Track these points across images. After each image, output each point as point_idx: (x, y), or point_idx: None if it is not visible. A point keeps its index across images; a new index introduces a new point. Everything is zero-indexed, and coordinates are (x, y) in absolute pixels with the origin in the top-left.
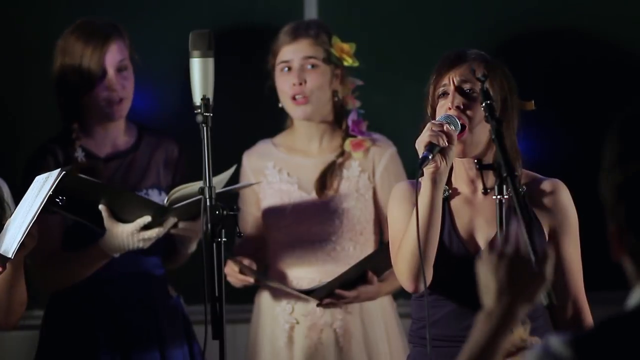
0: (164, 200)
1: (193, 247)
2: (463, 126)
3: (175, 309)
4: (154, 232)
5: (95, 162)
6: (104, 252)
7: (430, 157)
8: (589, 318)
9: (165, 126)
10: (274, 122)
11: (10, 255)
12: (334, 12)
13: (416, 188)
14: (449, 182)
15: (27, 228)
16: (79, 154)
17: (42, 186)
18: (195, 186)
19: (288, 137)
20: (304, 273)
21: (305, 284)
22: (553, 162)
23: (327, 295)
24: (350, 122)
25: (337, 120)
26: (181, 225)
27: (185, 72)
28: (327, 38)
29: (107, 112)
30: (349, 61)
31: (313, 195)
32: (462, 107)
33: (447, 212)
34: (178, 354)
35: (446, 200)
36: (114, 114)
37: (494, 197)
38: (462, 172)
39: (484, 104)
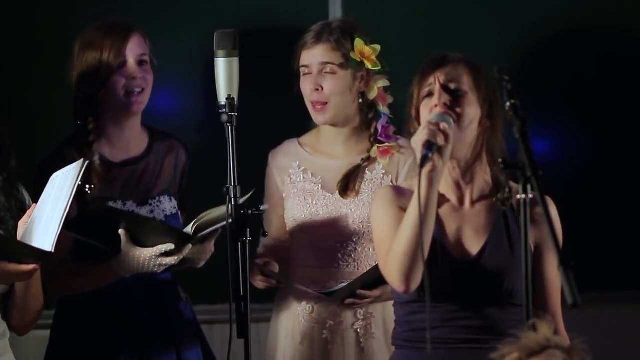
0: (174, 207)
1: (202, 264)
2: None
3: (186, 311)
4: (172, 259)
5: (109, 167)
6: (115, 271)
7: (430, 155)
8: (564, 334)
9: (179, 127)
10: (297, 122)
11: (50, 249)
12: (359, 12)
13: (418, 186)
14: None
15: (61, 220)
16: (95, 157)
17: (64, 180)
18: (217, 212)
19: (314, 137)
20: (324, 273)
21: (326, 284)
22: (572, 162)
23: (348, 296)
24: (380, 127)
25: (365, 122)
26: (192, 249)
27: (204, 73)
28: (349, 41)
29: (126, 103)
30: (370, 65)
31: (336, 196)
32: (448, 104)
33: (436, 220)
34: (194, 355)
35: None
36: (132, 106)
37: (519, 196)
38: (446, 175)
39: (508, 103)
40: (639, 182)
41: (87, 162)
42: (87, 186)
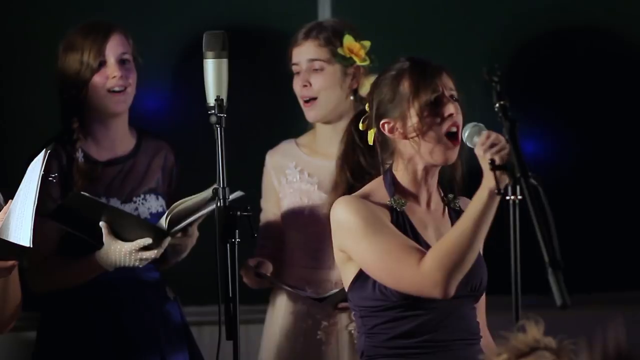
0: (161, 205)
1: (183, 256)
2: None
3: (174, 311)
4: (152, 254)
5: (94, 166)
6: (98, 264)
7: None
8: (487, 331)
9: (168, 127)
10: (287, 123)
11: (28, 244)
12: (348, 13)
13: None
14: (405, 194)
15: (32, 213)
16: (79, 156)
17: (31, 172)
18: (193, 199)
19: (310, 138)
20: (319, 273)
21: (321, 285)
22: (562, 163)
23: (341, 300)
24: None
25: None
26: (173, 241)
27: (194, 74)
28: (338, 38)
29: (107, 103)
30: (359, 60)
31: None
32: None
33: (408, 225)
34: (178, 356)
35: (403, 213)
36: (115, 105)
37: (507, 197)
38: (411, 178)
39: (497, 104)
40: (628, 182)
41: (48, 150)
42: (52, 175)
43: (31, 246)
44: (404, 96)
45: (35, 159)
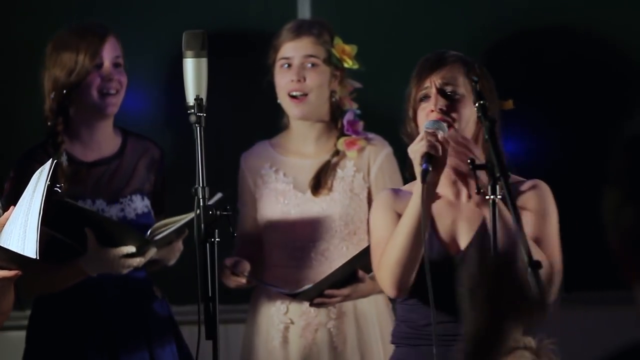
0: (147, 205)
1: (173, 262)
2: (448, 127)
3: (161, 310)
4: (134, 262)
5: (79, 167)
6: (83, 270)
7: (430, 168)
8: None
9: (152, 129)
10: (266, 124)
11: (35, 256)
12: (327, 14)
13: (422, 197)
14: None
15: (38, 223)
16: (63, 159)
17: (37, 182)
18: (180, 220)
19: (285, 137)
20: (298, 272)
21: (300, 284)
22: (542, 163)
23: (316, 296)
24: (345, 122)
25: (334, 120)
26: (160, 252)
27: (176, 74)
28: (329, 38)
29: (100, 105)
30: (349, 63)
31: (308, 195)
32: (444, 109)
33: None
34: (167, 353)
35: None
36: (106, 107)
37: (487, 197)
38: (444, 173)
39: (477, 104)
40: (608, 181)
41: (54, 161)
42: (58, 185)
43: (37, 257)
44: (408, 94)
45: (41, 169)
